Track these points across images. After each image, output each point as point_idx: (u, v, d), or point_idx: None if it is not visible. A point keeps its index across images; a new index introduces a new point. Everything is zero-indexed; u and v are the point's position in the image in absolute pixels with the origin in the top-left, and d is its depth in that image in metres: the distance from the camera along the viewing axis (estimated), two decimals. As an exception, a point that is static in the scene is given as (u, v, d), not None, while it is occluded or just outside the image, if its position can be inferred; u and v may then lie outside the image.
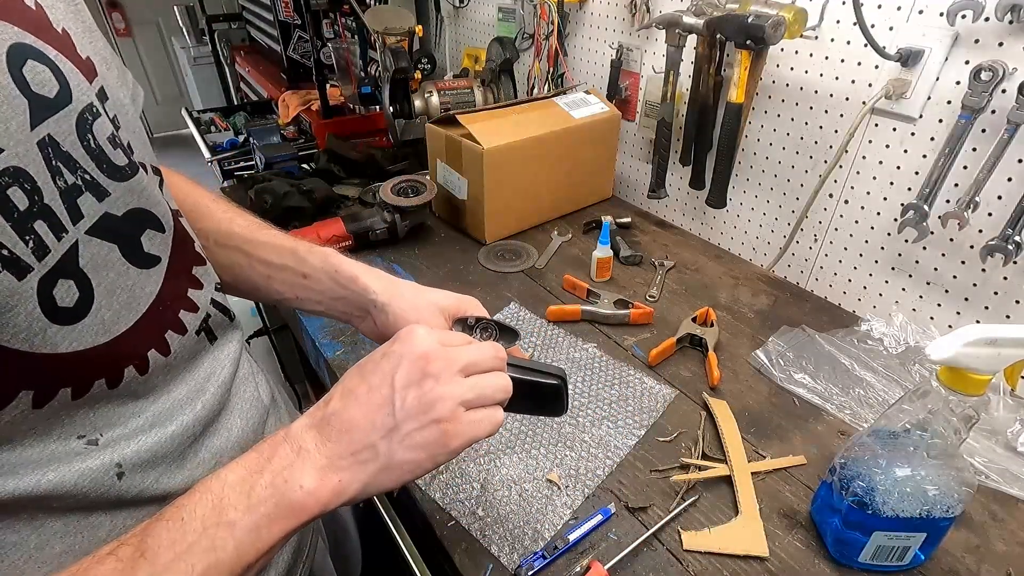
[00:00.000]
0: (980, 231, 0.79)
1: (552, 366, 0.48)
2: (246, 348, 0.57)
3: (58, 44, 0.35)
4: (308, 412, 0.40)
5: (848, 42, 0.87)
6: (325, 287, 0.57)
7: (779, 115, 1.00)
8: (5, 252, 0.30)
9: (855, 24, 0.79)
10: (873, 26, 0.82)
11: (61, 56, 0.35)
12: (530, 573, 0.57)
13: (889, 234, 0.90)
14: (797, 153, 1.00)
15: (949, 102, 0.78)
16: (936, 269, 0.86)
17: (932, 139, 0.81)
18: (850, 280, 0.99)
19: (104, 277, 0.36)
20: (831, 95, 0.92)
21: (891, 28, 0.82)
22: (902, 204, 0.85)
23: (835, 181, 0.95)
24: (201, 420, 0.44)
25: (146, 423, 0.40)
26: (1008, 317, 0.80)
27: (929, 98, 0.80)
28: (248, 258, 0.57)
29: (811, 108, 0.95)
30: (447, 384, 0.39)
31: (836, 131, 0.93)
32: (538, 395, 0.47)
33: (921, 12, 0.78)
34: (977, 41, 0.73)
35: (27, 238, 0.31)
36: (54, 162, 0.33)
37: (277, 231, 0.60)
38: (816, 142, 0.96)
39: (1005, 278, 0.79)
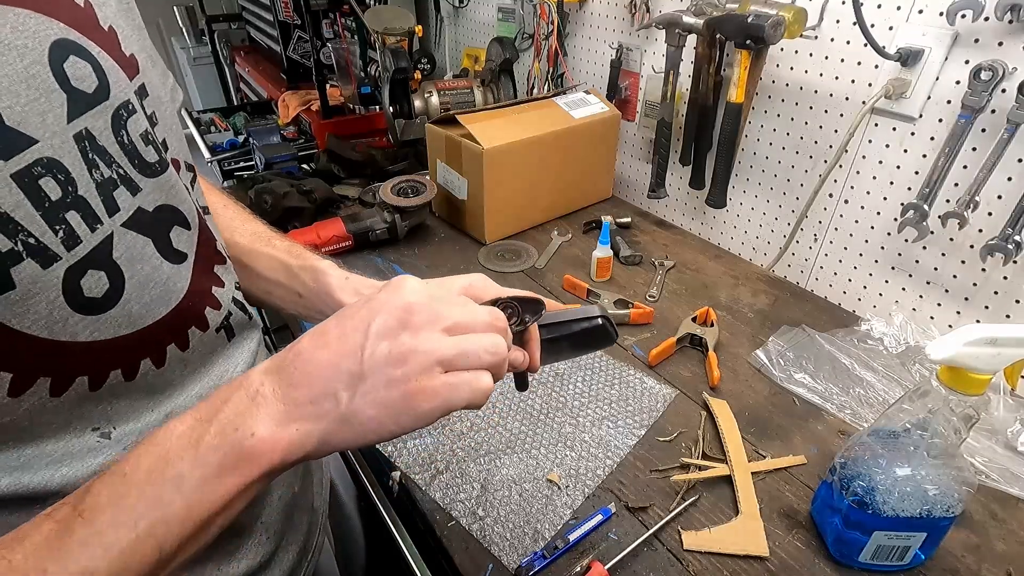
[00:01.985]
0: (980, 231, 0.79)
1: (588, 308, 0.47)
2: (266, 344, 0.56)
3: (103, 41, 0.36)
4: (273, 355, 0.37)
5: (848, 42, 0.87)
6: (320, 308, 0.54)
7: (779, 115, 1.00)
8: (32, 240, 0.30)
9: (855, 24, 0.79)
10: (873, 26, 0.82)
11: (104, 53, 0.35)
12: (530, 573, 0.57)
13: (889, 234, 0.90)
14: (797, 153, 1.00)
15: (949, 102, 0.78)
16: (936, 269, 0.86)
17: (932, 139, 0.81)
18: (850, 280, 0.99)
19: (138, 270, 0.36)
20: (831, 95, 0.92)
21: (891, 28, 0.81)
22: (902, 204, 0.85)
23: (835, 181, 0.95)
24: None
25: (158, 419, 0.40)
26: (1008, 317, 0.80)
27: (929, 98, 0.80)
28: (246, 271, 0.56)
29: (811, 108, 0.95)
30: (425, 339, 0.35)
31: (836, 131, 0.93)
32: (585, 339, 0.47)
33: (921, 12, 0.78)
34: (977, 41, 0.73)
35: (57, 228, 0.31)
36: (91, 155, 0.33)
37: (281, 240, 0.58)
38: (816, 142, 0.96)
39: (1005, 278, 0.79)
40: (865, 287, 0.97)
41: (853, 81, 0.88)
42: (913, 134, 0.83)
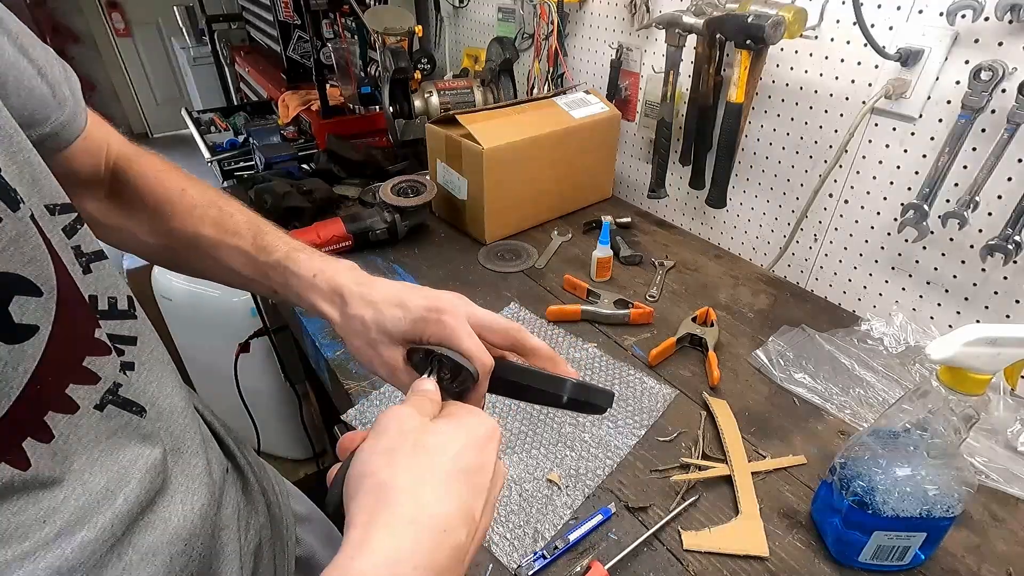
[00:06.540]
0: (980, 231, 0.79)
1: (560, 382, 0.42)
2: (201, 406, 0.50)
3: None
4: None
5: (848, 42, 0.87)
6: (302, 305, 0.51)
7: (779, 115, 1.00)
8: None
9: (855, 24, 0.79)
10: (873, 26, 0.82)
11: None
12: (530, 573, 0.57)
13: (889, 234, 0.90)
14: (797, 153, 1.00)
15: (949, 102, 0.78)
16: (936, 269, 0.86)
17: (932, 139, 0.81)
18: (850, 280, 0.99)
19: None
20: (831, 95, 0.92)
21: (891, 28, 0.81)
22: (902, 204, 0.85)
23: (835, 181, 0.95)
24: (123, 516, 0.35)
25: (51, 533, 0.32)
26: (1008, 317, 0.80)
27: (929, 98, 0.80)
28: (219, 266, 0.52)
29: (811, 108, 0.95)
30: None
31: (836, 131, 0.93)
32: (553, 404, 0.43)
33: (921, 12, 0.78)
34: (977, 41, 0.73)
35: None
36: None
37: (247, 227, 0.52)
38: (816, 142, 0.96)
39: (1005, 278, 0.79)
40: (865, 287, 0.97)
41: (853, 81, 0.88)
42: (913, 134, 0.83)
